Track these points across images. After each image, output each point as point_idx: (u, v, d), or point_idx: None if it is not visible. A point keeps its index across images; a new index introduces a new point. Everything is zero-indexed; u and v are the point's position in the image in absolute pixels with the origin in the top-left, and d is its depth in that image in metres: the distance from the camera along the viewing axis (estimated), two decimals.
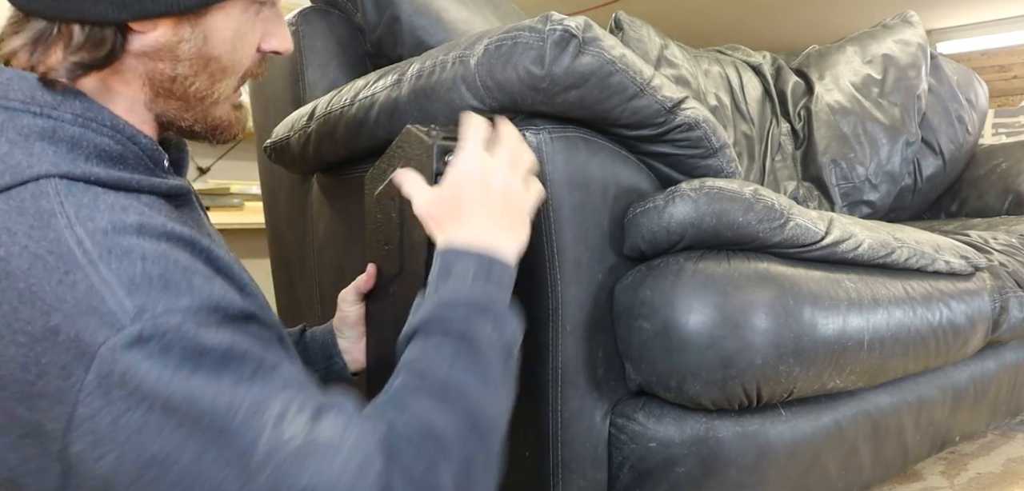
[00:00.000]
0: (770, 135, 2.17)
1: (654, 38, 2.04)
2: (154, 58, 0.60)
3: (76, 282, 0.50)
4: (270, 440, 0.50)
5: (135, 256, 0.52)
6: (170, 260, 0.53)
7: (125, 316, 0.50)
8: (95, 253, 0.51)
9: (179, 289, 0.52)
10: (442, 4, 1.25)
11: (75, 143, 0.56)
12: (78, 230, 0.52)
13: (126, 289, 0.50)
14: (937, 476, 1.45)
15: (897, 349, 1.04)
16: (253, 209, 2.31)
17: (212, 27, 0.61)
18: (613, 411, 0.94)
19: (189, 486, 0.49)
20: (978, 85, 2.35)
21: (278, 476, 0.50)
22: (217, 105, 0.65)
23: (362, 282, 0.86)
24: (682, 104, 0.90)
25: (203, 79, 0.62)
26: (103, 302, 0.50)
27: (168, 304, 0.51)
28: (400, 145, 0.80)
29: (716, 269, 0.88)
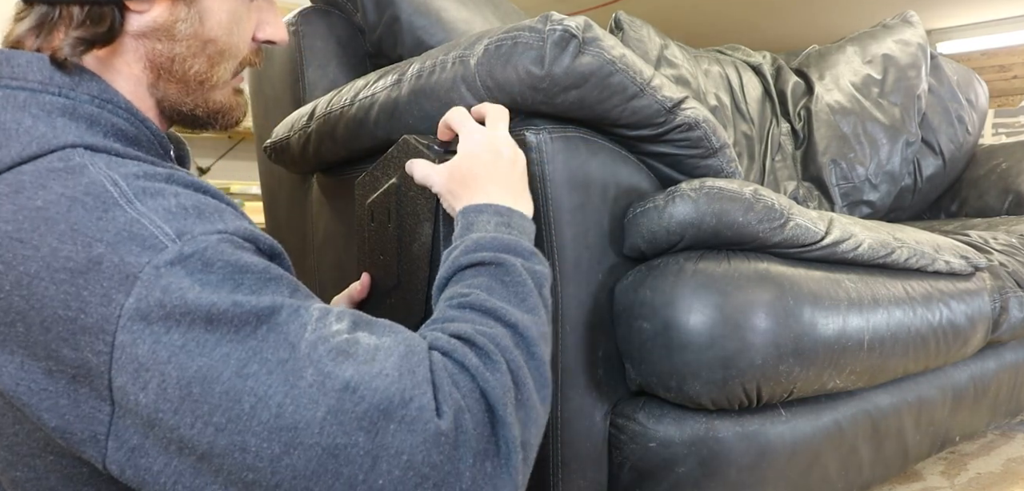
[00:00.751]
0: (770, 135, 2.17)
1: (654, 38, 2.04)
2: (152, 38, 0.62)
3: (116, 216, 0.51)
4: (311, 340, 0.50)
5: (168, 194, 0.54)
6: (200, 199, 0.55)
7: (166, 238, 0.51)
8: (131, 192, 0.53)
9: (213, 218, 0.54)
10: (442, 4, 1.25)
11: (94, 121, 0.58)
12: (113, 174, 0.54)
13: (164, 218, 0.52)
14: (937, 476, 1.45)
15: (897, 349, 1.04)
16: (253, 209, 2.31)
17: (207, 8, 0.63)
18: (613, 411, 0.94)
19: (235, 400, 0.48)
20: (978, 85, 2.35)
21: (322, 373, 0.50)
22: (216, 89, 0.67)
23: (355, 291, 0.86)
24: (682, 104, 0.90)
25: (202, 61, 0.64)
26: (144, 228, 0.51)
27: (206, 227, 0.53)
28: (397, 155, 0.80)
29: (716, 269, 0.88)
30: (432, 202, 0.74)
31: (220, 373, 0.48)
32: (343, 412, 0.49)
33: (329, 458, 0.49)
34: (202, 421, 0.48)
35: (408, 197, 0.78)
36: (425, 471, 0.50)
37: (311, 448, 0.48)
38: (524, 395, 0.57)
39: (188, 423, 0.48)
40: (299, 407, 0.49)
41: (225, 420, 0.48)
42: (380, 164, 0.83)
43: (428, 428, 0.50)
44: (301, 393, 0.49)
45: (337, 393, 0.49)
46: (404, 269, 0.79)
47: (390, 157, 0.81)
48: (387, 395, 0.50)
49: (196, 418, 0.48)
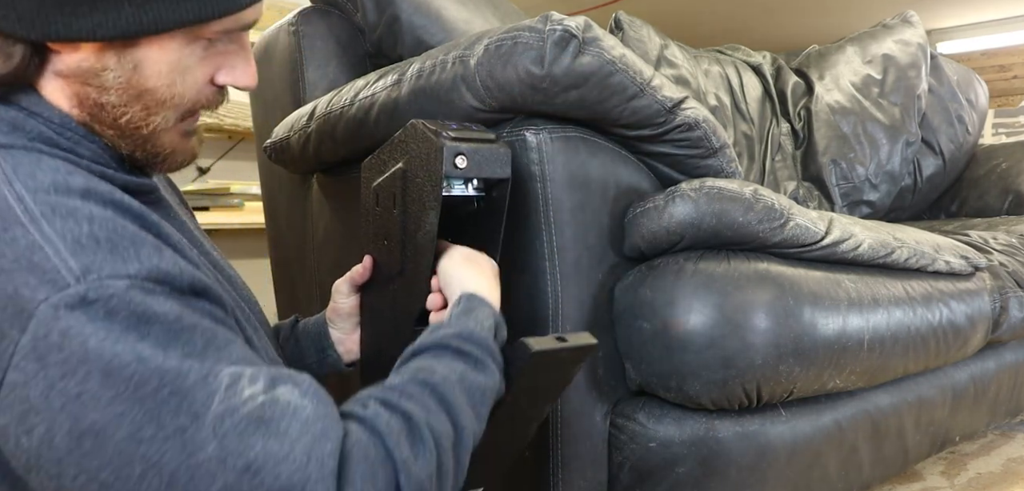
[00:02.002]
0: (770, 135, 2.17)
1: (654, 38, 2.04)
2: (78, 81, 0.56)
3: (16, 238, 0.48)
4: (218, 412, 0.47)
5: (81, 217, 0.50)
6: (117, 226, 0.51)
7: (69, 275, 0.47)
8: (37, 211, 0.49)
9: (127, 255, 0.49)
10: (442, 4, 1.25)
11: (16, 126, 0.54)
12: (17, 187, 0.50)
13: (70, 249, 0.48)
14: (937, 476, 1.45)
15: (897, 349, 1.04)
16: (253, 209, 2.31)
17: (144, 58, 0.56)
18: (613, 411, 0.94)
19: (127, 462, 0.46)
20: (978, 85, 2.34)
21: (226, 446, 0.47)
22: (156, 136, 0.60)
23: (357, 274, 0.85)
24: (682, 104, 0.90)
25: (136, 109, 0.58)
26: (46, 259, 0.47)
27: (114, 268, 0.48)
28: (405, 140, 0.79)
29: (716, 269, 0.88)
30: (438, 190, 0.73)
31: (114, 433, 0.46)
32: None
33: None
34: (86, 475, 0.46)
35: (415, 183, 0.76)
36: None
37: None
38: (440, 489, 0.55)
39: (71, 474, 0.46)
40: (194, 478, 0.46)
41: (112, 478, 0.46)
42: (387, 147, 0.81)
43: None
44: (198, 465, 0.46)
45: (237, 473, 0.46)
46: (408, 256, 0.78)
47: (398, 141, 0.80)
48: (289, 483, 0.47)
49: (80, 471, 0.46)
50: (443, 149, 0.72)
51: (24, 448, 0.47)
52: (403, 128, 0.79)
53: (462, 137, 0.74)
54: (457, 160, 0.72)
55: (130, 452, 0.46)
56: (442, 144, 0.72)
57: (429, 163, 0.74)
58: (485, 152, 0.75)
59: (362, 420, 0.53)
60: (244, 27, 0.61)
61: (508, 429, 0.73)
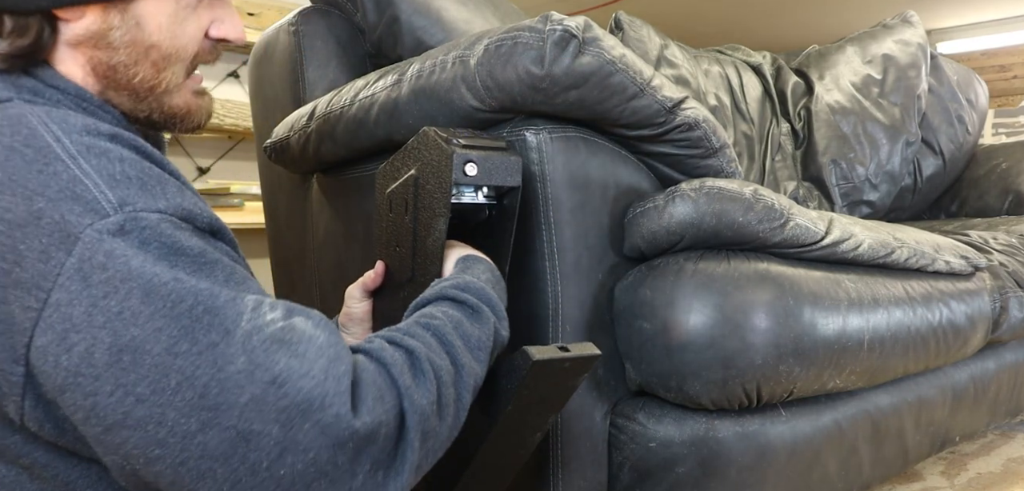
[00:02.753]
0: (770, 135, 2.17)
1: (654, 38, 2.04)
2: (89, 46, 0.60)
3: (57, 171, 0.51)
4: (246, 329, 0.51)
5: (113, 156, 0.53)
6: (144, 167, 0.55)
7: (108, 205, 0.51)
8: (74, 149, 0.52)
9: (155, 192, 0.53)
10: (442, 4, 1.25)
11: (37, 93, 0.58)
12: (54, 128, 0.53)
13: (107, 183, 0.51)
14: (937, 476, 1.45)
15: (897, 349, 1.04)
16: (253, 209, 2.31)
17: (144, 13, 0.60)
18: (613, 411, 0.94)
19: (162, 374, 0.49)
20: (978, 85, 2.35)
21: (254, 360, 0.50)
22: (169, 94, 0.65)
23: (370, 279, 0.86)
24: (682, 104, 0.90)
25: (146, 67, 0.62)
26: (87, 190, 0.51)
27: (146, 203, 0.52)
28: (417, 146, 0.79)
29: (716, 269, 0.88)
30: (447, 197, 0.73)
31: (152, 347, 0.49)
32: (265, 402, 0.50)
33: (241, 442, 0.49)
34: (123, 390, 0.48)
35: (426, 190, 0.77)
36: (326, 469, 0.52)
37: (227, 430, 0.49)
38: (439, 427, 0.59)
39: (107, 390, 0.49)
40: (224, 390, 0.49)
41: (148, 391, 0.49)
42: (401, 154, 0.82)
43: (341, 434, 0.52)
44: (228, 378, 0.49)
45: (264, 385, 0.50)
46: (418, 263, 0.78)
47: (410, 148, 0.80)
48: (309, 396, 0.51)
49: (118, 386, 0.48)
50: (453, 156, 0.72)
51: (62, 367, 0.49)
52: (416, 135, 0.80)
53: (473, 145, 0.75)
54: (467, 167, 0.73)
55: (166, 365, 0.49)
56: (452, 151, 0.72)
57: (440, 170, 0.75)
58: (495, 160, 0.75)
59: (368, 353, 0.58)
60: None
61: (511, 439, 0.73)
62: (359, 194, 1.13)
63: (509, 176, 0.76)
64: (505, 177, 0.76)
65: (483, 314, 0.66)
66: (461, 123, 0.87)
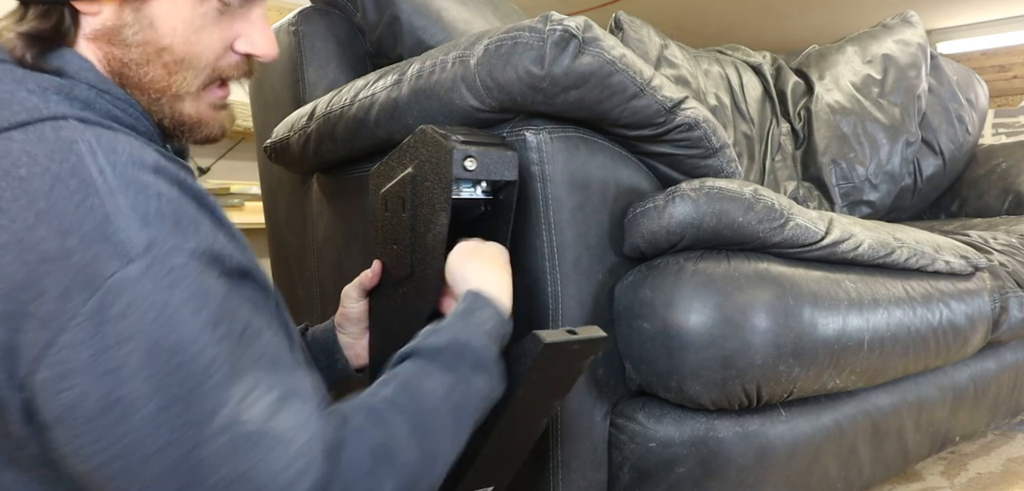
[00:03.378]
0: (770, 135, 2.17)
1: (654, 38, 2.04)
2: (104, 41, 0.61)
3: (94, 207, 0.51)
4: (229, 416, 0.51)
5: (151, 193, 0.54)
6: (181, 204, 0.55)
7: (136, 248, 0.51)
8: (115, 183, 0.53)
9: (187, 231, 0.54)
10: (442, 4, 1.25)
11: (89, 104, 0.58)
12: (100, 159, 0.54)
13: (140, 222, 0.52)
14: (937, 476, 1.45)
15: (897, 349, 1.04)
16: (253, 209, 2.31)
17: (157, 14, 0.61)
18: (613, 411, 0.94)
19: (143, 438, 0.49)
20: (978, 85, 2.35)
21: (225, 452, 0.50)
22: (180, 100, 0.64)
23: (366, 278, 0.86)
24: (682, 104, 0.90)
25: (157, 69, 0.62)
26: (117, 232, 0.51)
27: (176, 242, 0.53)
28: (413, 145, 0.80)
29: (716, 269, 0.88)
30: (448, 192, 0.74)
31: (141, 408, 0.49)
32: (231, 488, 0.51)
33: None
34: (105, 443, 0.49)
35: (424, 186, 0.77)
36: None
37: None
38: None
39: (91, 438, 0.49)
40: (194, 471, 0.50)
41: (123, 451, 0.49)
42: (396, 153, 0.83)
43: None
44: (202, 460, 0.50)
45: (229, 479, 0.50)
46: (417, 259, 0.79)
47: (407, 146, 0.81)
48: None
49: (101, 437, 0.49)
50: (453, 152, 0.73)
51: (58, 402, 0.50)
52: (412, 134, 0.80)
53: (471, 140, 0.76)
54: (466, 162, 0.74)
55: (149, 431, 0.49)
56: (452, 147, 0.73)
57: (439, 166, 0.75)
58: (493, 155, 0.76)
59: (343, 444, 0.56)
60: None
61: (519, 424, 0.74)
62: (359, 194, 1.13)
63: (507, 170, 0.77)
64: (503, 171, 0.77)
65: (475, 379, 0.64)
66: (461, 123, 0.87)
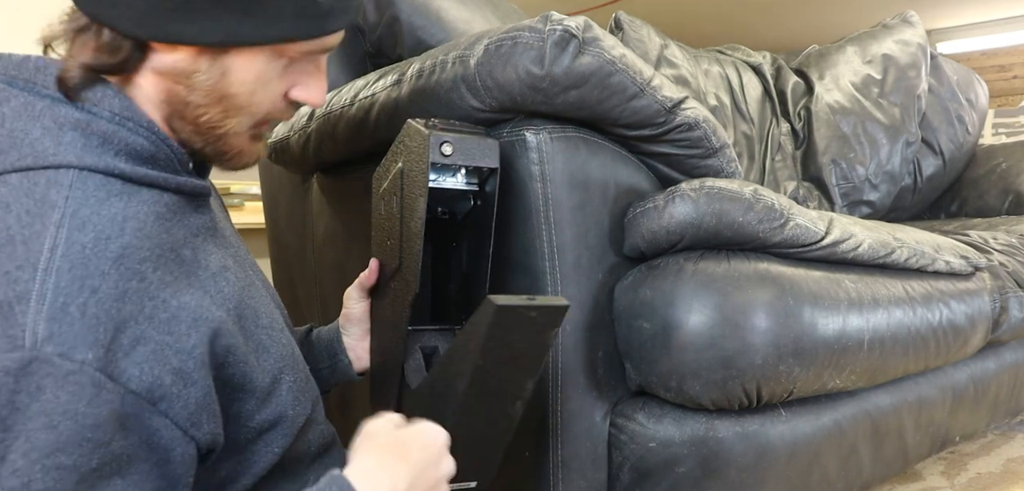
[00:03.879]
0: (770, 135, 2.17)
1: (654, 38, 2.04)
2: (170, 79, 0.61)
3: (19, 280, 0.50)
4: None
5: (87, 287, 0.51)
6: (118, 306, 0.52)
7: (28, 339, 0.49)
8: (60, 262, 0.51)
9: (97, 338, 0.51)
10: (442, 4, 1.25)
11: (107, 138, 0.57)
12: (62, 234, 0.52)
13: (51, 312, 0.50)
14: (937, 476, 1.45)
15: (897, 349, 1.04)
16: (253, 209, 2.31)
17: (232, 66, 0.61)
18: (613, 411, 0.94)
19: None
20: (978, 85, 2.35)
21: None
22: (228, 138, 0.65)
23: (365, 278, 0.86)
24: (682, 104, 0.90)
25: (216, 112, 0.62)
26: (24, 312, 0.49)
27: (74, 345, 0.50)
28: (401, 139, 0.81)
29: (716, 269, 0.88)
30: (425, 177, 0.74)
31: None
32: None
33: None
34: None
35: (410, 177, 0.78)
36: None
37: None
38: None
39: None
40: None
41: None
42: (390, 152, 0.84)
43: None
44: None
45: None
46: (404, 248, 0.79)
47: (397, 142, 0.82)
48: None
49: None
50: (429, 137, 0.74)
51: None
52: (401, 130, 0.80)
53: (449, 128, 0.77)
54: (443, 147, 0.74)
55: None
56: (429, 133, 0.74)
57: (419, 154, 0.76)
58: (471, 142, 0.76)
59: None
60: (325, 50, 0.66)
61: (485, 403, 0.72)
62: (359, 194, 1.13)
63: (486, 157, 0.77)
64: (482, 158, 0.77)
65: None
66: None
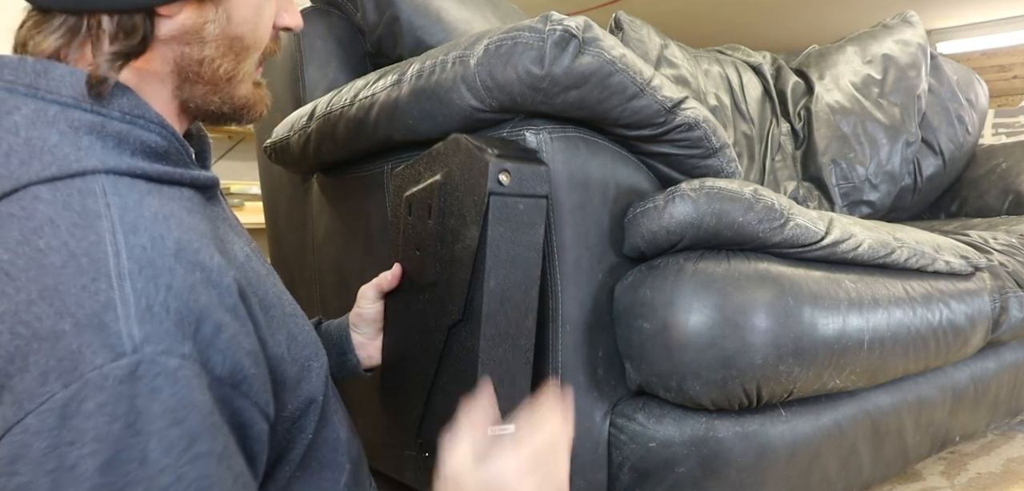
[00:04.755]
0: (770, 135, 2.17)
1: (654, 38, 2.04)
2: (181, 42, 0.60)
3: (98, 292, 0.49)
4: None
5: (162, 282, 0.52)
6: (191, 295, 0.53)
7: (127, 345, 0.49)
8: (128, 265, 0.51)
9: (186, 330, 0.51)
10: (442, 4, 1.25)
11: (122, 139, 0.57)
12: (119, 238, 0.52)
13: (140, 315, 0.50)
14: (937, 476, 1.45)
15: (897, 349, 1.04)
16: (253, 209, 2.31)
17: (234, 5, 0.62)
18: (613, 411, 0.94)
19: None
20: (978, 85, 2.35)
21: None
22: (242, 84, 0.66)
23: (385, 281, 0.85)
24: (682, 104, 0.90)
25: (229, 60, 0.63)
26: (115, 320, 0.49)
27: (171, 343, 0.50)
28: (444, 152, 0.79)
29: (716, 269, 0.88)
30: (482, 207, 0.73)
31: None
32: None
33: None
34: None
35: (454, 196, 0.77)
36: None
37: None
38: None
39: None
40: None
41: None
42: (424, 158, 0.82)
43: None
44: None
45: None
46: (443, 267, 0.78)
47: (436, 153, 0.80)
48: None
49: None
50: (489, 165, 0.72)
51: (4, 483, 0.47)
52: (443, 141, 0.80)
53: (506, 154, 0.75)
54: (501, 177, 0.73)
55: None
56: (488, 161, 0.72)
57: (471, 178, 0.75)
58: (527, 170, 0.76)
59: None
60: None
61: (505, 319, 0.75)
62: (359, 194, 1.13)
63: (539, 185, 0.77)
64: (535, 186, 0.77)
65: None
66: (461, 123, 0.87)
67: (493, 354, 0.76)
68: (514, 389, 0.78)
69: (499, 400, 0.73)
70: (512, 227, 0.76)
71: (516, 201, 0.75)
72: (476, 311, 0.75)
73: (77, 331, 0.48)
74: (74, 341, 0.48)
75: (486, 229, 0.73)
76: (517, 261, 0.76)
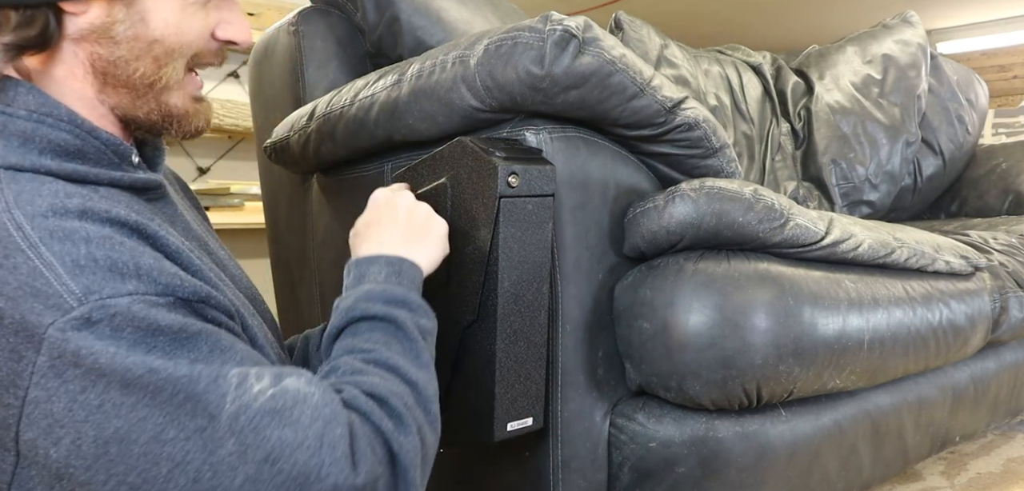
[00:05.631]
0: (770, 135, 2.17)
1: (654, 38, 2.04)
2: (91, 41, 0.59)
3: (17, 265, 0.50)
4: (233, 406, 0.50)
5: (78, 239, 0.52)
6: (115, 243, 0.53)
7: (72, 298, 0.49)
8: (35, 236, 0.51)
9: (125, 272, 0.52)
10: (442, 4, 1.25)
11: (27, 138, 0.56)
12: (16, 214, 0.52)
13: (70, 272, 0.50)
14: (937, 476, 1.45)
15: (897, 349, 1.04)
16: (253, 209, 2.31)
17: (149, 7, 0.60)
18: (613, 411, 0.94)
19: (153, 463, 0.49)
20: (978, 85, 2.35)
21: (244, 440, 0.50)
22: (168, 92, 0.64)
23: None
24: (682, 104, 0.90)
25: (147, 62, 0.61)
26: (48, 284, 0.49)
27: (115, 287, 0.51)
28: (450, 155, 0.80)
29: (716, 269, 0.88)
30: (492, 210, 0.74)
31: (138, 436, 0.49)
32: (260, 482, 0.50)
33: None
34: (116, 479, 0.49)
35: (462, 199, 0.78)
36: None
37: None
38: (426, 453, 0.60)
39: (101, 480, 0.49)
40: (217, 474, 0.49)
41: (140, 481, 0.49)
42: (428, 161, 0.83)
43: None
44: (220, 461, 0.49)
45: (257, 464, 0.50)
46: (454, 269, 0.79)
47: (441, 156, 0.81)
48: (305, 469, 0.51)
49: (110, 476, 0.49)
50: (498, 168, 0.74)
51: (53, 459, 0.49)
52: (448, 144, 0.81)
53: (513, 156, 0.76)
54: (510, 179, 0.74)
55: (155, 453, 0.49)
56: (496, 164, 0.74)
57: (480, 181, 0.76)
58: (534, 171, 0.77)
59: (348, 404, 0.57)
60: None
61: (519, 316, 0.77)
62: (359, 194, 1.12)
63: (546, 185, 0.78)
64: (543, 185, 0.78)
65: (398, 321, 0.64)
66: (461, 123, 0.87)
67: (510, 353, 0.77)
68: (530, 384, 0.80)
69: (516, 396, 0.76)
70: (522, 227, 0.77)
71: (525, 202, 0.76)
72: (491, 312, 0.76)
73: (13, 304, 0.49)
74: (15, 312, 0.49)
75: (497, 231, 0.74)
76: (528, 260, 0.78)
